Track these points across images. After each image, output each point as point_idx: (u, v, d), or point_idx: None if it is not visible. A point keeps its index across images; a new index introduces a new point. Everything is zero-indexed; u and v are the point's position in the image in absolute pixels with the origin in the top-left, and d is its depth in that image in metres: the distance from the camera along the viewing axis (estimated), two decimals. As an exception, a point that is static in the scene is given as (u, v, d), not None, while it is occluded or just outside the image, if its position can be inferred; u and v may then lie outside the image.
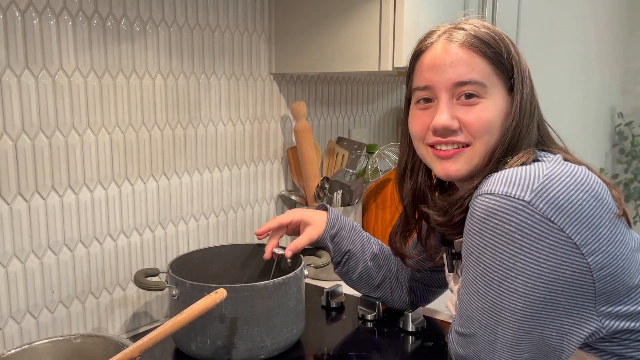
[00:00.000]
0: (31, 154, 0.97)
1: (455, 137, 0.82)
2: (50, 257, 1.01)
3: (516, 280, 0.71)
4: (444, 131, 0.82)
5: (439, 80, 0.82)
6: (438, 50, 0.83)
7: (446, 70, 0.82)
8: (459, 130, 0.82)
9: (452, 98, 0.82)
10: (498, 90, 0.82)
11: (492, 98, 0.81)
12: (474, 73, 0.80)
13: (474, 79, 0.80)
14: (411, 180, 0.95)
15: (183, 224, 1.23)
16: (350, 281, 1.13)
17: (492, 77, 0.82)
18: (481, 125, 0.81)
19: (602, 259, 0.70)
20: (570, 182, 0.71)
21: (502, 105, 0.82)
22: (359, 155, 1.48)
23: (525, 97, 0.82)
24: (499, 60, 0.82)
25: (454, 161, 0.83)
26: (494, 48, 0.81)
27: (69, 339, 0.87)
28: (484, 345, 0.76)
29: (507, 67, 0.82)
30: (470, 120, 0.81)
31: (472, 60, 0.81)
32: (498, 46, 0.82)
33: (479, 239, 0.73)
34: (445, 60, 0.82)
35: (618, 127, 3.59)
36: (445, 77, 0.82)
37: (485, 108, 0.81)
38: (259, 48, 1.35)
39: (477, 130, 0.81)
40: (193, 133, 1.22)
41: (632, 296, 0.73)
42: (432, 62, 0.83)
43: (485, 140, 0.81)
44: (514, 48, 0.84)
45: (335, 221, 1.09)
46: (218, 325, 0.94)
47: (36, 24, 0.95)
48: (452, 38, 0.82)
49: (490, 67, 0.81)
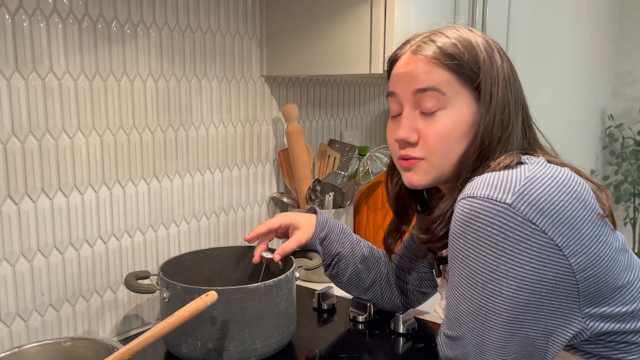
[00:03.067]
0: (21, 157, 0.96)
1: (411, 151, 0.85)
2: (40, 260, 1.01)
3: (500, 283, 0.72)
4: (402, 143, 0.85)
5: (402, 90, 0.85)
6: (404, 61, 0.86)
7: (408, 79, 0.84)
8: (417, 143, 0.84)
9: (414, 109, 0.85)
10: (461, 100, 0.82)
11: (454, 108, 0.82)
12: (433, 82, 0.82)
13: (432, 85, 0.82)
14: (397, 178, 0.98)
15: (174, 227, 1.23)
16: (341, 283, 1.14)
17: (454, 86, 0.82)
18: (437, 140, 0.83)
19: (585, 260, 0.71)
20: (552, 184, 0.71)
21: (465, 115, 0.82)
22: (350, 157, 1.48)
23: (493, 107, 0.82)
24: (462, 71, 0.82)
25: (414, 172, 0.86)
26: (457, 59, 0.82)
27: (59, 343, 0.87)
28: (472, 347, 0.77)
29: (472, 77, 0.82)
30: (428, 134, 0.83)
31: (433, 71, 0.82)
32: (461, 57, 0.82)
33: (463, 242, 0.74)
34: (408, 72, 0.85)
35: (608, 129, 3.62)
36: (407, 86, 0.84)
37: (444, 119, 0.82)
38: (250, 50, 1.35)
39: (432, 143, 0.83)
40: (184, 135, 1.22)
41: (617, 297, 0.74)
42: (397, 72, 0.87)
43: (443, 153, 0.83)
44: (487, 55, 0.83)
45: (324, 224, 1.09)
46: (209, 327, 0.94)
47: (26, 26, 0.95)
48: (418, 50, 0.85)
49: (451, 76, 0.82)
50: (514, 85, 0.85)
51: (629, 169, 3.45)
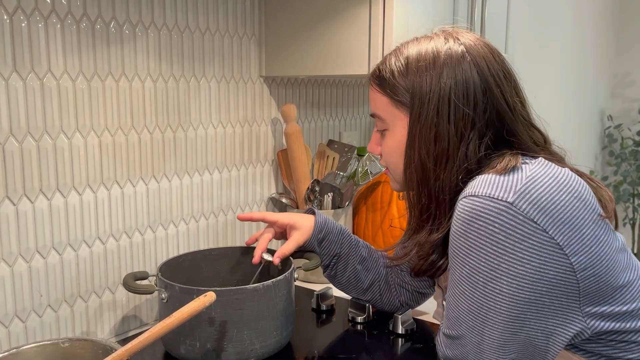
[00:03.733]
0: (19, 157, 0.96)
1: (381, 162, 0.96)
2: (38, 261, 1.01)
3: (501, 281, 0.72)
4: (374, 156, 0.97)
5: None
6: None
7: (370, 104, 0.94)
8: (381, 155, 0.94)
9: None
10: (399, 122, 0.87)
11: (393, 129, 0.89)
12: (375, 107, 0.91)
13: (374, 112, 0.91)
14: None
15: (173, 227, 1.23)
16: (339, 284, 1.13)
17: (390, 109, 0.88)
18: (386, 153, 0.92)
19: (586, 259, 0.71)
20: (553, 184, 0.72)
21: (402, 135, 0.87)
22: (349, 158, 1.48)
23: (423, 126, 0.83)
24: (394, 94, 0.86)
25: (390, 180, 0.95)
26: (389, 84, 0.87)
27: (57, 343, 0.87)
28: (471, 346, 0.77)
29: (405, 100, 0.86)
30: (382, 150, 0.93)
31: (374, 96, 0.90)
32: (394, 81, 0.86)
33: (464, 241, 0.74)
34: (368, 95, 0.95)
35: (607, 129, 3.62)
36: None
37: (388, 137, 0.90)
38: (249, 51, 1.35)
39: (384, 157, 0.93)
40: (183, 136, 1.22)
41: (617, 297, 0.74)
42: None
43: (392, 167, 0.92)
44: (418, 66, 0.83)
45: (322, 225, 1.09)
46: (207, 328, 0.94)
47: (24, 27, 0.95)
48: (372, 75, 0.92)
49: (388, 101, 0.88)
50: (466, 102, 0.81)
51: (628, 170, 3.45)
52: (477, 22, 1.44)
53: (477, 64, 0.82)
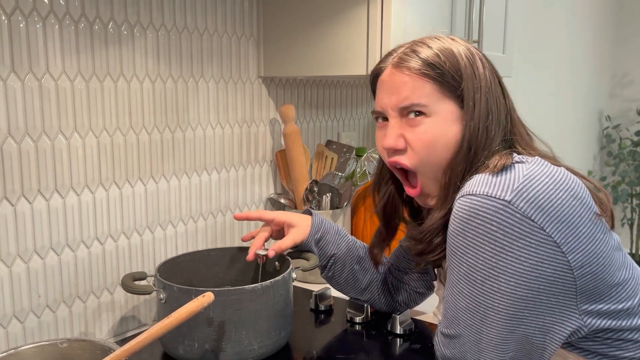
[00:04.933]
0: (17, 158, 0.96)
1: (399, 157, 0.87)
2: (36, 262, 1.01)
3: (499, 279, 0.72)
4: (391, 151, 0.87)
5: (387, 104, 0.87)
6: (387, 75, 0.88)
7: (391, 95, 0.86)
8: (405, 149, 0.86)
9: (401, 118, 0.86)
10: (444, 109, 0.84)
11: (437, 117, 0.84)
12: (415, 96, 0.84)
13: (415, 102, 0.84)
14: (386, 187, 0.99)
15: (171, 228, 1.23)
16: (337, 285, 1.14)
17: (435, 95, 0.83)
18: (423, 144, 0.84)
19: (583, 257, 0.71)
20: (550, 182, 0.72)
21: (449, 122, 0.84)
22: (347, 158, 1.48)
23: (477, 114, 0.83)
24: (443, 79, 0.83)
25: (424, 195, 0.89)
26: (439, 69, 0.83)
27: (56, 344, 0.87)
28: (469, 345, 0.77)
29: (454, 86, 0.83)
30: (412, 139, 0.85)
31: (414, 84, 0.84)
32: (443, 66, 0.83)
33: (462, 239, 0.74)
34: (390, 86, 0.86)
35: (606, 130, 3.63)
36: (391, 102, 0.86)
37: (428, 127, 0.84)
38: (248, 51, 1.35)
39: (419, 150, 0.85)
40: (181, 136, 1.22)
41: (612, 294, 0.75)
42: (382, 87, 0.89)
43: (430, 160, 0.85)
44: (468, 63, 0.84)
45: (319, 225, 1.09)
46: (206, 328, 0.94)
47: (22, 27, 0.95)
48: (399, 63, 0.86)
49: (434, 87, 0.83)
50: (496, 92, 0.85)
51: (626, 170, 3.46)
52: (475, 23, 1.44)
53: (487, 60, 0.87)
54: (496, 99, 0.85)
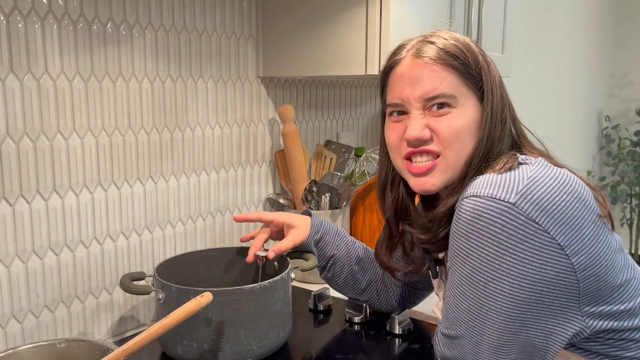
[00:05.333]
0: (16, 158, 0.96)
1: (427, 146, 0.84)
2: (35, 262, 1.01)
3: (502, 281, 0.72)
4: (417, 142, 0.84)
5: (408, 96, 0.84)
6: (406, 66, 0.85)
7: (415, 85, 0.83)
8: (431, 139, 0.83)
9: (423, 110, 0.84)
10: (468, 100, 0.83)
11: (462, 108, 0.83)
12: (443, 87, 0.82)
13: (442, 92, 0.82)
14: (392, 193, 0.96)
15: (170, 228, 1.23)
16: (337, 285, 1.14)
17: (461, 88, 0.83)
18: (452, 133, 0.82)
19: (586, 259, 0.71)
20: (554, 184, 0.72)
21: (473, 114, 0.83)
22: (346, 158, 1.48)
23: (495, 106, 0.83)
24: (467, 71, 0.83)
25: (430, 176, 0.85)
26: (461, 60, 0.83)
27: (54, 344, 0.87)
28: (470, 346, 0.77)
29: (475, 77, 0.84)
30: (440, 129, 0.82)
31: (439, 74, 0.82)
32: (466, 57, 0.83)
33: (465, 241, 0.74)
34: (413, 76, 0.84)
35: (605, 130, 3.63)
36: (415, 93, 0.83)
37: (455, 117, 0.82)
38: (246, 52, 1.35)
39: (447, 137, 0.82)
40: (180, 136, 1.22)
41: (615, 296, 0.75)
42: (402, 79, 0.85)
43: (456, 149, 0.83)
44: (482, 58, 0.85)
45: (319, 226, 1.09)
46: (204, 328, 0.94)
47: (21, 27, 0.95)
48: (419, 53, 0.84)
49: (458, 79, 0.83)
50: (505, 89, 0.87)
51: (625, 170, 3.46)
52: (474, 23, 1.44)
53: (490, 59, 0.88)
54: (506, 94, 0.87)
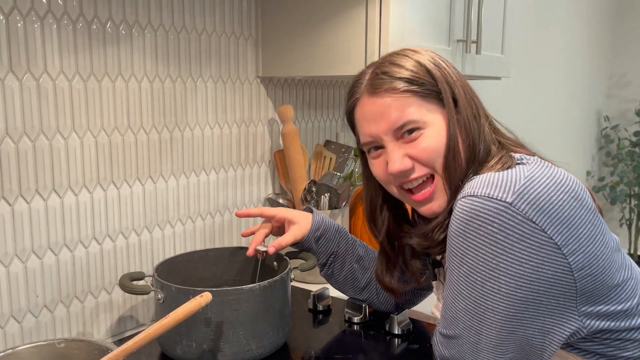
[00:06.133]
0: (15, 158, 0.96)
1: (413, 174, 0.85)
2: (34, 261, 1.00)
3: (499, 281, 0.72)
4: (401, 174, 0.85)
5: (377, 132, 0.85)
6: (365, 104, 0.87)
7: (380, 121, 0.85)
8: (413, 167, 0.84)
9: (396, 140, 0.85)
10: (435, 115, 0.84)
11: (431, 126, 0.84)
12: (406, 114, 0.83)
13: (407, 119, 0.83)
14: (382, 216, 0.98)
15: (169, 228, 1.23)
16: (336, 283, 1.14)
17: (423, 107, 0.84)
18: (429, 154, 0.83)
19: (583, 259, 0.71)
20: (551, 184, 0.72)
21: (440, 124, 0.84)
22: (346, 158, 1.48)
23: (462, 107, 0.84)
24: (424, 89, 0.84)
25: (435, 200, 0.85)
26: (415, 80, 0.84)
27: (53, 344, 0.87)
28: (468, 346, 0.77)
29: (434, 90, 0.84)
30: (417, 154, 0.84)
31: (399, 102, 0.83)
32: (418, 76, 0.84)
33: (462, 241, 0.74)
34: (375, 113, 0.85)
35: (604, 130, 3.63)
36: (382, 128, 0.85)
37: (428, 136, 0.83)
38: (246, 52, 1.35)
39: (427, 160, 0.84)
40: (179, 136, 1.22)
41: (612, 296, 0.75)
42: (365, 118, 0.87)
43: (441, 161, 0.83)
44: (434, 65, 0.85)
45: (320, 223, 1.09)
46: (203, 328, 0.94)
47: (20, 27, 0.95)
48: (374, 89, 0.85)
49: (418, 99, 0.84)
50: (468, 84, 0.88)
51: (624, 170, 3.46)
52: (474, 23, 1.44)
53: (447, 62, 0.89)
54: (471, 89, 0.87)
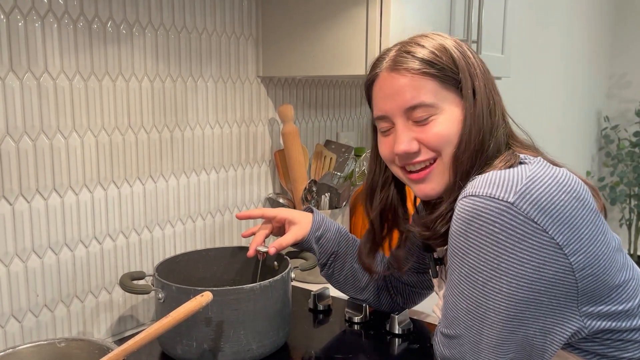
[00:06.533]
0: (15, 157, 0.96)
1: (418, 157, 0.86)
2: (34, 261, 1.00)
3: (500, 281, 0.72)
4: (406, 155, 0.86)
5: (391, 109, 0.86)
6: (384, 79, 0.87)
7: (395, 98, 0.85)
8: (419, 150, 0.85)
9: (407, 121, 0.86)
10: (450, 103, 0.84)
11: (445, 112, 0.84)
12: (422, 96, 0.83)
13: (422, 101, 0.83)
14: (381, 195, 0.98)
15: (170, 227, 1.23)
16: (337, 283, 1.14)
17: (441, 92, 0.84)
18: (438, 140, 0.84)
19: (584, 259, 0.71)
20: (553, 184, 0.72)
21: (458, 115, 0.84)
22: (346, 158, 1.48)
23: (480, 99, 0.84)
24: (445, 75, 0.84)
25: (429, 181, 0.86)
26: (438, 65, 0.84)
27: (54, 343, 0.87)
28: (469, 346, 0.77)
29: (455, 78, 0.84)
30: (427, 139, 0.84)
31: (417, 83, 0.84)
32: (442, 62, 0.84)
33: (464, 240, 0.74)
34: (392, 89, 0.85)
35: (604, 130, 3.63)
36: (395, 105, 0.85)
37: (440, 123, 0.84)
38: (246, 51, 1.35)
39: (435, 146, 0.84)
40: (180, 136, 1.22)
41: (613, 296, 0.75)
42: (381, 93, 0.87)
43: (449, 152, 0.84)
44: (459, 54, 0.85)
45: (320, 223, 1.09)
46: (204, 328, 0.94)
47: (21, 26, 0.95)
48: (395, 66, 0.85)
49: (437, 85, 0.84)
50: (492, 79, 0.87)
51: (624, 170, 3.46)
52: (474, 23, 1.44)
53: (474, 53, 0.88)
54: (493, 85, 0.87)
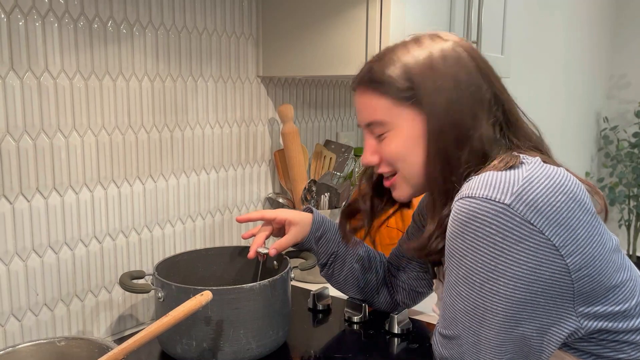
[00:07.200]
0: (15, 156, 0.96)
1: (380, 169, 0.91)
2: (34, 260, 1.01)
3: (497, 282, 0.72)
4: (369, 166, 0.92)
5: (359, 122, 0.92)
6: (354, 94, 0.92)
7: (358, 113, 0.91)
8: (380, 162, 0.90)
9: (372, 134, 0.89)
10: (405, 117, 0.84)
11: (399, 129, 0.85)
12: (374, 114, 0.86)
13: (373, 119, 0.87)
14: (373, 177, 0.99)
15: (170, 227, 1.23)
16: (337, 283, 1.14)
17: (393, 109, 0.85)
18: (390, 157, 0.87)
19: (581, 260, 0.71)
20: (549, 185, 0.72)
21: (411, 129, 0.84)
22: (346, 158, 1.49)
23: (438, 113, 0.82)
24: (392, 91, 0.84)
25: (396, 189, 0.91)
26: (385, 83, 0.84)
27: (53, 342, 0.87)
28: (467, 346, 0.77)
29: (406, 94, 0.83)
30: (382, 154, 0.88)
31: (370, 102, 0.87)
32: (388, 79, 0.84)
33: (460, 242, 0.74)
34: (356, 105, 0.91)
35: (603, 131, 3.64)
36: (359, 120, 0.91)
37: (391, 139, 0.86)
38: (247, 51, 1.35)
39: (389, 160, 0.88)
40: (180, 135, 1.22)
41: (610, 297, 0.75)
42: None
43: (406, 165, 0.86)
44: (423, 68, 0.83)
45: (320, 223, 1.09)
46: (204, 327, 0.94)
47: (22, 26, 0.95)
48: (358, 83, 0.89)
49: (386, 101, 0.85)
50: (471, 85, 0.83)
51: (623, 171, 3.46)
52: (474, 23, 1.44)
53: (469, 52, 0.85)
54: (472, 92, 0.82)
